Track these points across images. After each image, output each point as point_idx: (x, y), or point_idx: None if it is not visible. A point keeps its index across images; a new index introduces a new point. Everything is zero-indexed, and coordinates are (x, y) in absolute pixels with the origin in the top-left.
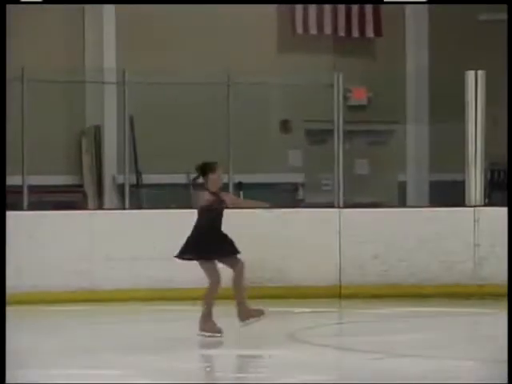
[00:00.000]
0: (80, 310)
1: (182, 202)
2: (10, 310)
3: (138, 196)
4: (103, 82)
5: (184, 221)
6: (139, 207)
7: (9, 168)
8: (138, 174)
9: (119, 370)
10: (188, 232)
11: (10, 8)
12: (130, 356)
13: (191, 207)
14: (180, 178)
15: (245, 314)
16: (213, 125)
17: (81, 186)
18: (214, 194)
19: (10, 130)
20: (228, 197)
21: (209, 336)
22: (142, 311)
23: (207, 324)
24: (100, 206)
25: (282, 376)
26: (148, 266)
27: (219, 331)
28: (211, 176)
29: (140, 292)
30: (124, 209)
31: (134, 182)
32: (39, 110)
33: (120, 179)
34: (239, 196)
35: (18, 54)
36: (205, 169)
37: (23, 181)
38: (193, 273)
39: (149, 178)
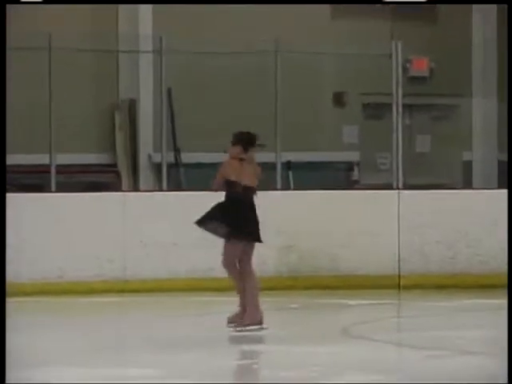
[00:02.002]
0: (112, 301)
1: None
2: (33, 302)
3: (177, 176)
4: (138, 51)
5: None
6: (178, 188)
7: (35, 146)
8: (177, 151)
9: (153, 368)
10: None
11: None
12: (166, 353)
13: None
14: (223, 157)
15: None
16: (259, 98)
17: (114, 165)
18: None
19: (35, 104)
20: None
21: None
22: (180, 303)
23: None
24: (135, 187)
25: (335, 375)
26: (187, 254)
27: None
28: None
29: (178, 282)
30: (161, 190)
31: (172, 160)
32: (67, 82)
33: (157, 158)
34: (288, 177)
35: (43, 19)
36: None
37: (51, 160)
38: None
39: (188, 157)
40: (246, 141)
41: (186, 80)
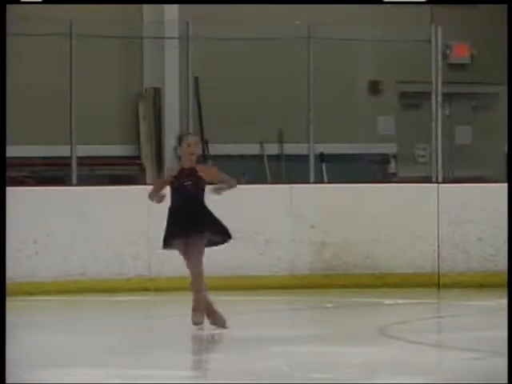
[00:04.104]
0: (136, 300)
1: (254, 176)
2: (54, 301)
3: None
4: (163, 37)
5: (257, 197)
6: None
7: (56, 137)
8: (204, 143)
9: (180, 370)
10: (265, 208)
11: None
12: (193, 354)
13: (266, 181)
14: (252, 149)
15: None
16: (290, 86)
17: (138, 157)
18: (184, 169)
19: (56, 93)
20: (207, 171)
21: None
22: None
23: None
24: None
25: (371, 377)
26: (215, 250)
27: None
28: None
29: (207, 280)
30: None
31: (200, 152)
32: (90, 70)
33: None
34: (321, 170)
35: (66, 5)
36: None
37: (72, 152)
38: (267, 258)
39: (216, 149)
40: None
41: (214, 68)
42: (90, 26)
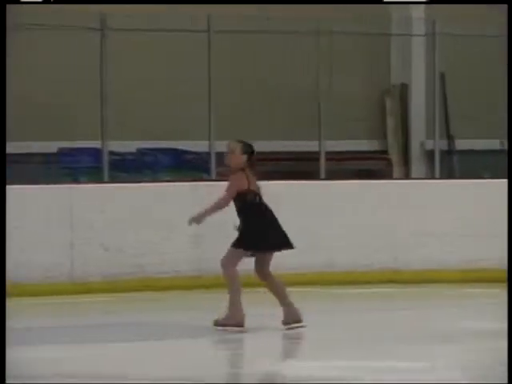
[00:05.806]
0: (380, 292)
1: (495, 171)
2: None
3: (450, 164)
4: (411, 35)
5: (499, 191)
6: (451, 176)
7: (304, 132)
8: (450, 138)
9: (418, 361)
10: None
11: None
12: (432, 345)
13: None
14: (494, 144)
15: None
16: None
17: (385, 151)
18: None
19: (305, 90)
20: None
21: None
22: (446, 296)
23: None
24: (407, 175)
25: None
26: (456, 244)
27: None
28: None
29: (447, 273)
30: (434, 178)
31: (445, 147)
32: (338, 67)
33: (429, 145)
34: None
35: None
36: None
37: (320, 147)
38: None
39: (462, 144)
40: (252, 151)
41: (460, 64)
42: (339, 23)
